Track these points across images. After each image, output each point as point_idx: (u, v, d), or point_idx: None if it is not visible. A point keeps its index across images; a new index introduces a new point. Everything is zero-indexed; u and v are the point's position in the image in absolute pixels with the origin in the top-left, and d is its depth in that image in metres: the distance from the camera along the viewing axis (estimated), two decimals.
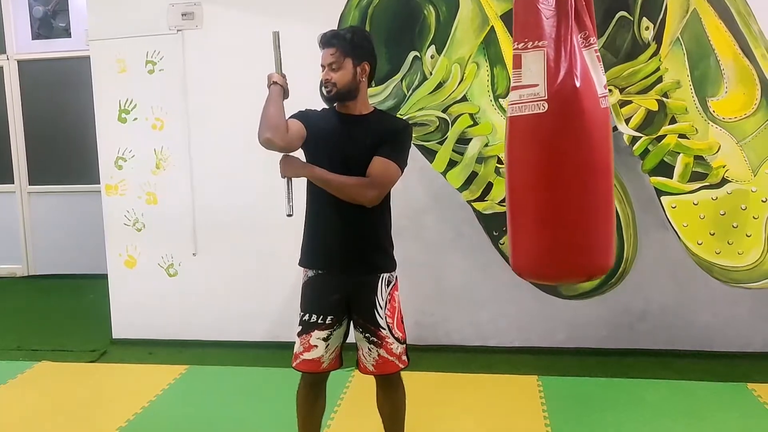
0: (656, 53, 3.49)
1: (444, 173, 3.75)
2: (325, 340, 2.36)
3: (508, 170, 2.46)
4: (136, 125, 4.04)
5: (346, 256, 2.34)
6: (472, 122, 3.69)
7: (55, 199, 5.88)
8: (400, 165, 2.32)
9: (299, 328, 2.39)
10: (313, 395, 2.46)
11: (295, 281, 2.51)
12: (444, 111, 3.71)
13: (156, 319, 4.14)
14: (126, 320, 4.19)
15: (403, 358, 2.41)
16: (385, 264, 2.39)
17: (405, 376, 2.48)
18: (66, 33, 5.71)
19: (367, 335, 2.36)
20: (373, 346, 2.36)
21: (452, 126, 3.71)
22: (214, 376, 3.64)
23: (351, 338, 2.43)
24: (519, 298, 3.78)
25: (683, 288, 3.67)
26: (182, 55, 3.92)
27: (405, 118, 3.65)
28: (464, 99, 3.68)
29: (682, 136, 3.53)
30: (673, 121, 3.53)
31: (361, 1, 3.70)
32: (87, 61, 4.09)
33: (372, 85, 2.43)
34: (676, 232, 3.60)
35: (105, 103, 4.06)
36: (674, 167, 3.56)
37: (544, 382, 3.39)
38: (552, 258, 2.36)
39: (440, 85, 3.69)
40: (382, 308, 2.35)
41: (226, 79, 3.90)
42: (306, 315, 2.38)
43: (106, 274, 4.21)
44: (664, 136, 3.54)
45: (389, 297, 2.37)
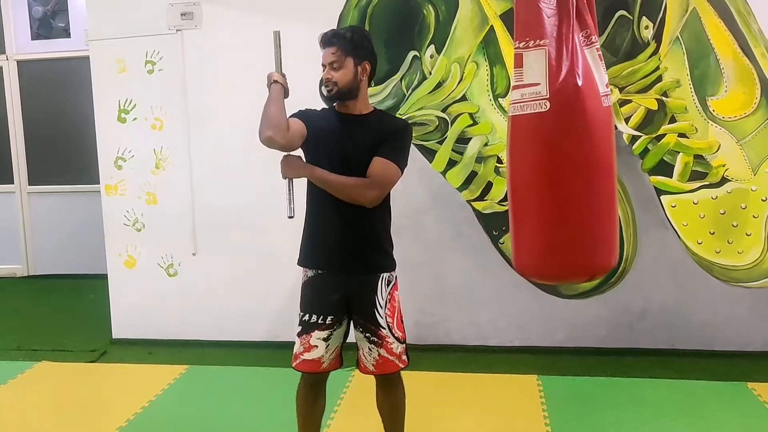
0: (656, 52, 3.49)
1: (443, 173, 3.75)
2: (325, 340, 2.35)
3: (510, 169, 2.45)
4: (135, 125, 4.04)
5: (346, 256, 2.34)
6: (472, 122, 3.69)
7: (55, 199, 5.88)
8: (400, 165, 2.32)
9: (299, 329, 2.39)
10: (313, 395, 2.45)
11: (294, 281, 2.50)
12: (443, 110, 3.71)
13: (156, 319, 4.14)
14: (126, 320, 4.18)
15: (403, 357, 2.41)
16: (385, 264, 2.39)
17: (405, 376, 2.48)
18: (65, 33, 5.71)
19: (367, 335, 2.36)
20: (373, 345, 2.36)
21: (452, 125, 3.71)
22: (213, 376, 3.64)
23: (351, 338, 2.43)
24: (519, 298, 3.78)
25: (683, 287, 3.67)
26: (182, 55, 3.92)
27: (404, 117, 3.65)
28: (464, 98, 3.68)
29: (682, 135, 3.53)
30: (673, 120, 3.53)
31: (360, 0, 3.70)
32: (86, 61, 4.09)
33: (371, 85, 2.43)
34: (676, 232, 3.60)
35: (104, 103, 4.06)
36: (674, 166, 3.56)
37: (543, 382, 3.39)
38: (555, 257, 2.35)
39: (440, 84, 3.69)
40: (382, 308, 2.35)
41: (226, 79, 3.90)
42: (306, 315, 2.38)
43: (106, 274, 4.21)
44: (663, 135, 3.54)
45: (389, 296, 2.37)
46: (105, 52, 4.01)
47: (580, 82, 2.21)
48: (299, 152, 2.38)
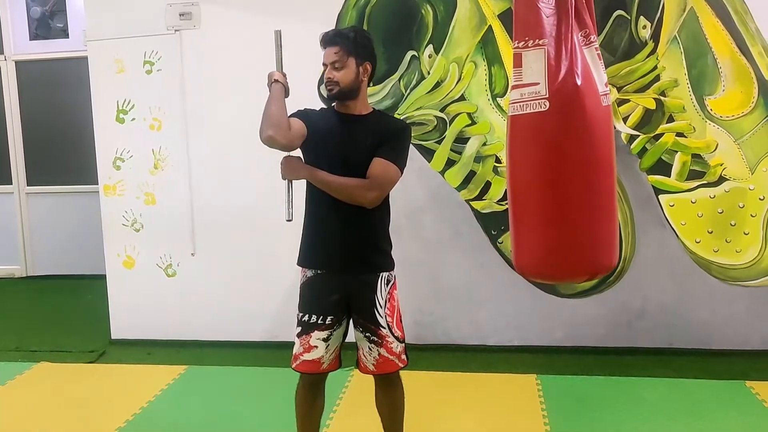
0: (653, 52, 3.50)
1: (442, 172, 3.76)
2: (325, 340, 2.36)
3: (510, 169, 2.46)
4: (134, 125, 4.03)
5: (346, 256, 2.34)
6: (470, 121, 3.69)
7: (54, 199, 5.87)
8: (399, 166, 2.32)
9: (298, 329, 2.39)
10: (312, 395, 2.46)
11: (293, 281, 2.50)
12: (442, 110, 3.71)
13: (155, 320, 4.14)
14: (125, 321, 4.18)
15: (403, 357, 2.41)
16: (385, 263, 2.39)
17: (404, 376, 2.49)
18: (64, 33, 5.70)
19: (367, 334, 2.36)
20: (373, 345, 2.36)
21: (450, 125, 3.71)
22: (213, 376, 3.64)
23: (349, 338, 2.44)
24: (518, 297, 3.79)
25: (681, 286, 3.68)
26: (180, 55, 3.92)
27: (403, 117, 3.66)
28: (462, 98, 3.68)
29: (680, 134, 3.53)
30: (671, 119, 3.54)
31: (358, 0, 3.70)
32: (85, 62, 4.09)
33: (370, 85, 2.43)
34: (674, 231, 3.61)
35: (103, 104, 4.06)
36: (672, 165, 3.56)
37: (542, 381, 3.39)
38: (555, 257, 2.36)
39: (438, 84, 3.69)
40: (381, 307, 2.35)
41: (224, 79, 3.89)
42: (305, 315, 2.38)
43: (105, 275, 4.21)
44: (661, 135, 3.55)
45: (389, 296, 2.38)
46: (103, 53, 4.00)
47: (579, 82, 2.22)
48: (298, 152, 2.38)
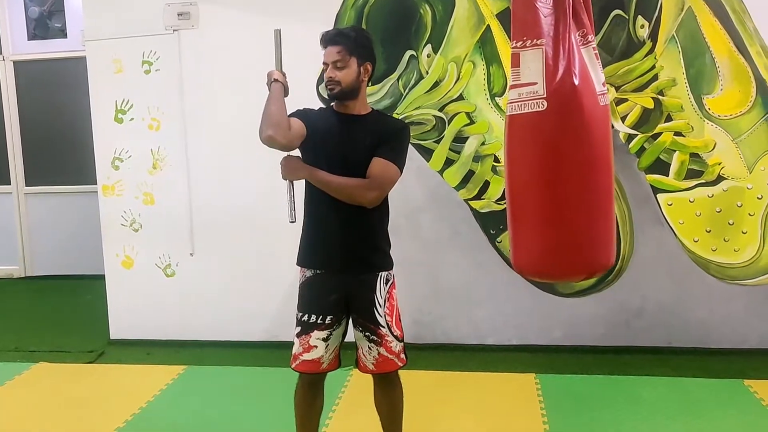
0: (651, 51, 3.50)
1: (441, 172, 3.76)
2: (324, 340, 2.36)
3: (508, 169, 2.46)
4: (132, 125, 4.03)
5: (345, 256, 2.34)
6: (469, 121, 3.69)
7: (52, 199, 5.87)
8: (399, 166, 2.32)
9: (298, 329, 2.39)
10: (311, 395, 2.46)
11: (293, 281, 2.51)
12: (440, 110, 3.71)
13: (154, 320, 4.14)
14: (123, 321, 4.18)
15: (402, 356, 2.42)
16: (384, 263, 2.40)
17: (403, 375, 2.49)
18: (62, 33, 5.70)
19: (366, 334, 2.36)
20: (373, 344, 2.36)
21: (449, 125, 3.71)
22: (212, 376, 3.64)
23: (348, 338, 2.44)
24: (516, 297, 3.79)
25: (680, 285, 3.68)
26: (178, 55, 3.92)
27: (402, 117, 3.66)
28: (461, 98, 3.69)
29: (678, 133, 3.54)
30: (669, 118, 3.54)
31: (357, 0, 3.70)
32: (83, 62, 4.09)
33: (369, 85, 2.44)
34: (673, 230, 3.61)
35: (101, 104, 4.06)
36: (670, 165, 3.57)
37: (541, 380, 3.40)
38: (553, 256, 2.36)
39: (437, 84, 3.69)
40: (381, 306, 2.35)
41: (222, 79, 3.90)
42: (305, 315, 2.38)
43: (104, 275, 4.21)
44: (659, 134, 3.55)
45: (388, 295, 2.38)
46: (102, 53, 4.00)
47: (576, 82, 2.22)
48: (297, 152, 2.38)
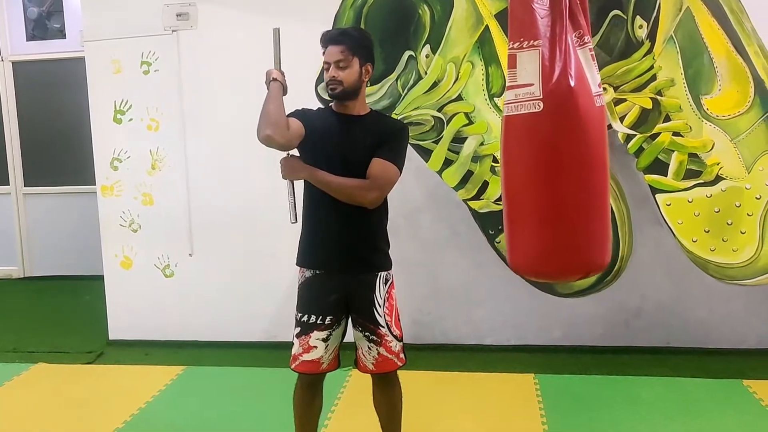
0: (650, 51, 3.50)
1: (439, 172, 3.76)
2: (324, 340, 2.36)
3: (504, 169, 2.47)
4: (131, 126, 4.03)
5: (345, 256, 2.34)
6: (468, 121, 3.70)
7: (51, 200, 5.86)
8: (398, 166, 2.33)
9: (297, 329, 2.40)
10: (310, 395, 2.46)
11: (292, 281, 2.51)
12: (439, 110, 3.71)
13: (152, 320, 4.14)
14: (122, 321, 4.18)
15: (401, 356, 2.42)
16: (383, 263, 2.40)
17: (402, 375, 2.49)
18: (61, 34, 5.69)
19: (366, 334, 2.37)
20: (372, 344, 2.36)
21: (447, 125, 3.71)
22: (211, 376, 3.64)
23: (347, 338, 2.44)
24: (515, 297, 3.79)
25: (678, 285, 3.68)
26: (177, 56, 3.92)
27: (400, 117, 3.66)
28: (459, 98, 3.69)
29: (677, 133, 3.54)
30: (667, 119, 3.54)
31: (355, 1, 3.70)
32: (82, 62, 4.08)
33: (367, 85, 2.44)
34: (671, 230, 3.61)
35: (100, 104, 4.06)
36: (669, 165, 3.57)
37: (540, 380, 3.40)
38: (550, 255, 2.37)
39: (435, 84, 3.69)
40: (380, 306, 2.35)
41: (221, 79, 3.89)
42: (304, 316, 2.38)
43: (103, 276, 4.21)
44: (658, 134, 3.55)
45: (387, 295, 2.38)
46: (100, 53, 4.00)
47: (572, 83, 2.23)
48: (295, 152, 2.38)
